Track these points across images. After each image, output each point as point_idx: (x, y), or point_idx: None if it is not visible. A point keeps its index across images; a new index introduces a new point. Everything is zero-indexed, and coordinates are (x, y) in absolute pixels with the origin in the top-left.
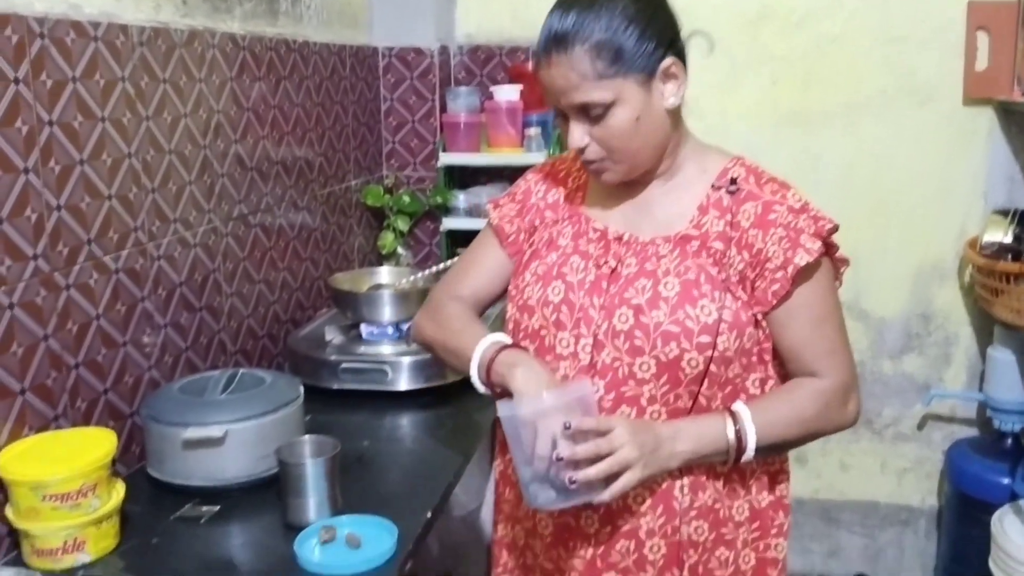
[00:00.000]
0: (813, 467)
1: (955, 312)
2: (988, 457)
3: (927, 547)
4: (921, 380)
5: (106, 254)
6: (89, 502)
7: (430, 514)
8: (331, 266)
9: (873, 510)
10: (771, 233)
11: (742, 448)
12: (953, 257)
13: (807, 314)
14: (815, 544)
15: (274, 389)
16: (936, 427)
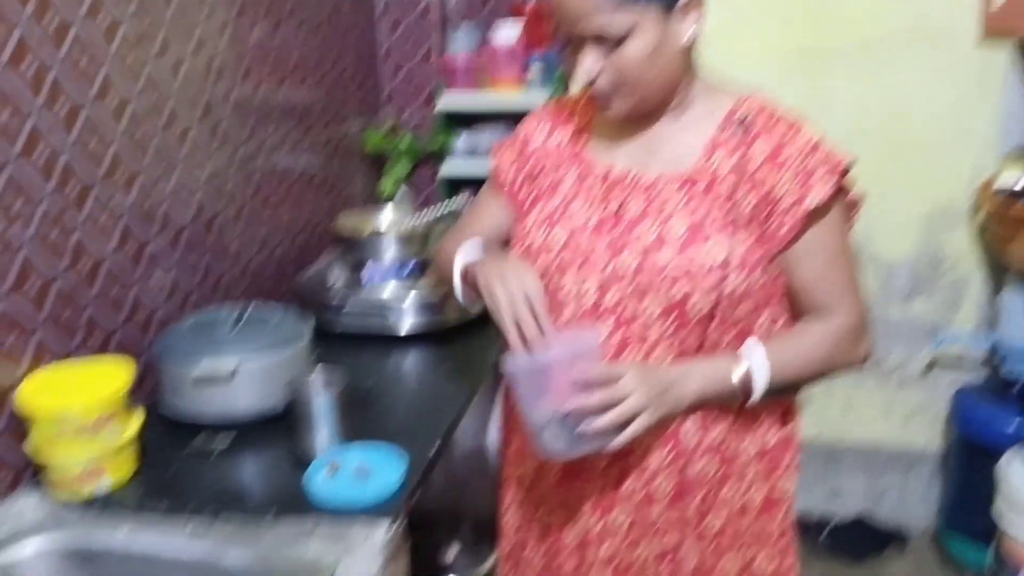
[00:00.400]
0: (816, 410)
1: (966, 256)
2: (995, 402)
3: (929, 492)
4: (929, 324)
5: (115, 194)
6: (107, 432)
7: (437, 447)
8: (333, 209)
9: (875, 454)
10: (783, 172)
11: (751, 389)
12: (966, 200)
13: (819, 254)
14: (816, 486)
15: (282, 326)
16: (943, 372)
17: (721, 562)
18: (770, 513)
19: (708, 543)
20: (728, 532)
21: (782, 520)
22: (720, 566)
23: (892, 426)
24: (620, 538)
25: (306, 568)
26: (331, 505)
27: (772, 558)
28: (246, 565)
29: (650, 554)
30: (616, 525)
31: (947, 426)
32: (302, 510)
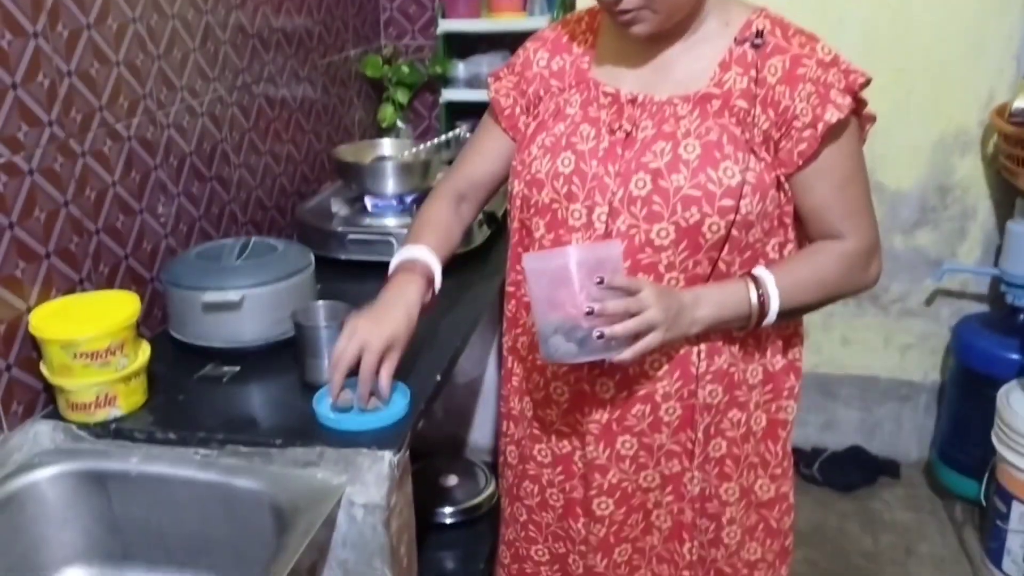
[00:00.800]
0: (814, 341)
1: (975, 185)
2: (998, 333)
3: (925, 422)
4: (933, 255)
5: (118, 121)
6: (118, 360)
7: (439, 377)
8: (333, 139)
9: (873, 385)
10: (799, 89)
11: (764, 313)
12: (977, 126)
13: (833, 175)
14: (811, 417)
15: (286, 256)
16: (945, 303)
17: (723, 487)
18: (771, 439)
19: (711, 469)
20: (730, 458)
21: (782, 446)
22: (722, 492)
23: (890, 357)
24: (626, 465)
25: (315, 491)
26: (338, 434)
27: (771, 483)
28: (256, 489)
29: (655, 481)
30: (621, 453)
31: (946, 357)
32: (309, 438)
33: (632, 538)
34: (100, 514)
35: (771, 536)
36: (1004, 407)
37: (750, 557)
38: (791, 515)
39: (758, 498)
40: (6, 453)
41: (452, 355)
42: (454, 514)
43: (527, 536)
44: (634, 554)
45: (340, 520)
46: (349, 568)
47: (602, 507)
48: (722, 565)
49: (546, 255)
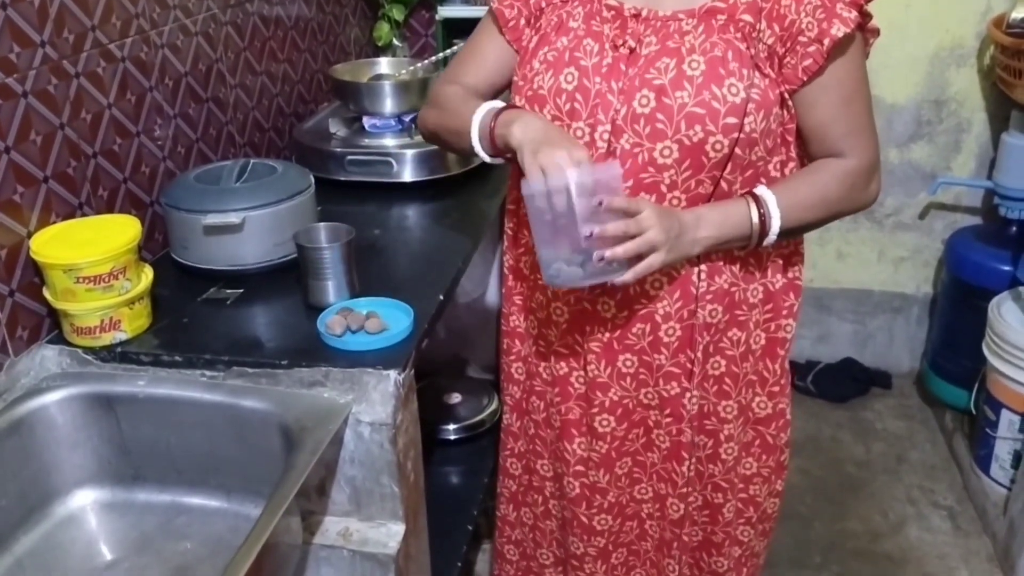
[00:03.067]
0: (809, 256)
1: (971, 98)
2: (990, 244)
3: (917, 333)
4: (928, 169)
5: (111, 42)
6: (120, 284)
7: (442, 297)
8: (329, 58)
9: (866, 297)
10: (805, 3)
11: (765, 232)
12: (974, 38)
13: (837, 91)
14: (805, 330)
15: (286, 178)
16: (939, 216)
17: (721, 404)
18: (770, 357)
19: (711, 387)
20: (729, 376)
21: (780, 363)
22: (720, 408)
23: (883, 270)
24: (627, 383)
25: (322, 410)
26: (343, 354)
27: (768, 400)
28: (264, 408)
29: (655, 399)
30: (623, 371)
31: (939, 270)
32: (314, 359)
33: (632, 452)
34: (109, 436)
35: (767, 451)
36: (995, 318)
37: (746, 472)
38: (788, 431)
39: (756, 415)
40: (13, 378)
41: (454, 275)
42: (458, 431)
43: (534, 450)
44: (635, 467)
45: (347, 438)
46: (357, 485)
47: (604, 424)
48: (719, 480)
49: (543, 179)
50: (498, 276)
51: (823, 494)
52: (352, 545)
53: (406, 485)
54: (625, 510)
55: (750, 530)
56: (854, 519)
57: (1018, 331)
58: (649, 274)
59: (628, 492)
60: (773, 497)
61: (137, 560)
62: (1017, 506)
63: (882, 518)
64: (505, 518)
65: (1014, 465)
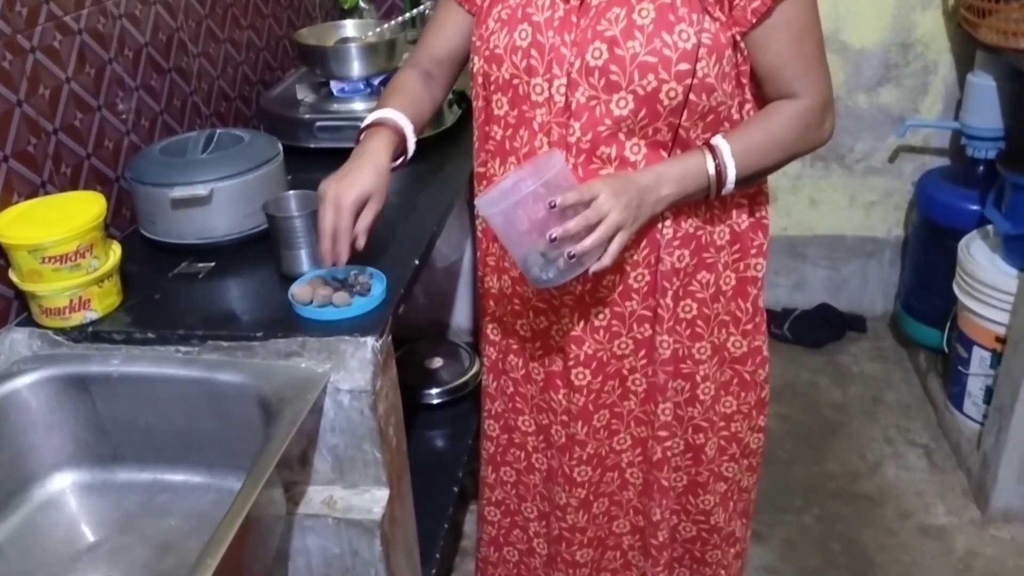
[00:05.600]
0: (783, 205)
1: (936, 40)
2: (959, 185)
3: (890, 276)
4: (896, 112)
5: (66, 14)
6: (88, 262)
7: (417, 261)
8: (294, 23)
9: (839, 243)
10: None
11: (722, 182)
12: None
13: (787, 32)
14: (780, 278)
15: (253, 147)
16: (908, 159)
17: (695, 346)
18: (741, 296)
19: (683, 331)
20: (701, 318)
21: (752, 302)
22: (694, 350)
23: (855, 215)
24: (600, 335)
25: (300, 380)
26: (318, 322)
27: (743, 338)
28: (241, 381)
29: (628, 347)
30: (595, 324)
31: (909, 212)
32: (289, 329)
33: (610, 403)
34: (85, 417)
35: (746, 389)
36: (965, 256)
37: (726, 410)
38: (766, 368)
39: (731, 354)
40: None
41: (428, 239)
42: (441, 394)
43: (514, 407)
44: (612, 419)
45: (327, 407)
46: (339, 453)
47: (580, 378)
48: (699, 421)
49: (494, 195)
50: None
51: (802, 438)
52: (337, 513)
53: (388, 451)
54: (605, 461)
55: (734, 465)
56: (833, 461)
57: (986, 269)
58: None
59: (607, 444)
60: (756, 432)
61: (120, 540)
62: (990, 440)
63: (860, 459)
64: (486, 480)
65: (986, 401)
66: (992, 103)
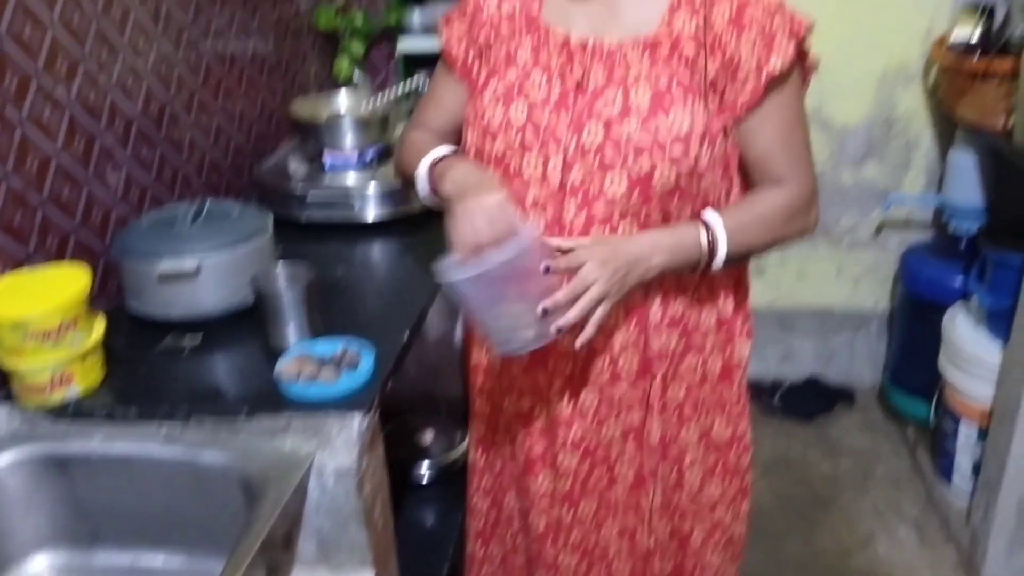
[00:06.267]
0: (771, 277)
1: (918, 116)
2: (942, 259)
3: (878, 348)
4: (880, 187)
5: (57, 85)
6: (71, 337)
7: (407, 336)
8: (288, 94)
9: (828, 315)
10: (745, 35)
11: (713, 255)
12: (919, 59)
13: (776, 122)
14: (769, 350)
15: (243, 220)
16: (892, 233)
17: (682, 432)
18: (727, 380)
19: (670, 415)
20: (688, 403)
21: (738, 386)
22: (681, 436)
23: (842, 288)
24: (588, 419)
25: (284, 461)
26: (304, 400)
27: (729, 423)
28: (224, 463)
29: (616, 432)
30: (584, 407)
31: (895, 285)
32: (275, 406)
33: (597, 490)
34: (64, 499)
35: (730, 475)
36: (949, 330)
37: (711, 496)
38: (749, 453)
39: (716, 439)
40: None
41: (420, 312)
42: (432, 469)
43: (500, 484)
44: (600, 508)
45: (312, 487)
46: (325, 535)
47: (566, 462)
48: (685, 507)
49: (463, 263)
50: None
51: (794, 512)
52: None
53: (375, 532)
54: (593, 551)
55: (719, 555)
56: (825, 536)
57: (971, 342)
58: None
59: (595, 533)
60: (739, 521)
61: None
62: (978, 514)
63: (851, 533)
64: (473, 556)
65: (974, 474)
66: (973, 179)
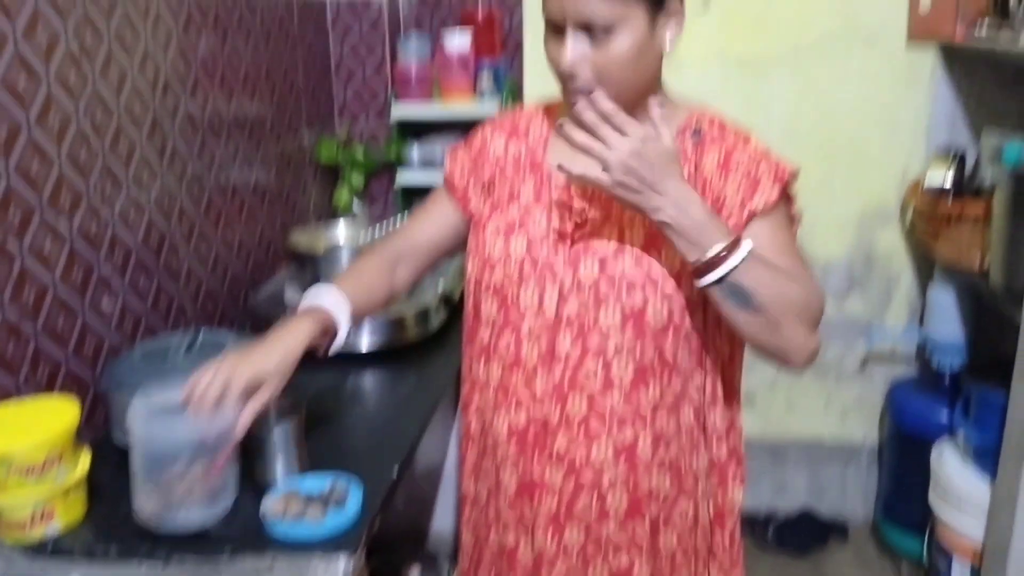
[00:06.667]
0: (761, 407)
1: (897, 254)
2: (927, 394)
3: (869, 482)
4: (864, 321)
5: (59, 218)
6: (55, 472)
7: (397, 471)
8: (287, 224)
9: (817, 447)
10: (732, 177)
11: (718, 264)
12: (896, 199)
13: (766, 250)
14: (762, 482)
15: None
16: (878, 366)
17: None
18: (720, 526)
19: (661, 561)
20: (680, 549)
21: (730, 534)
22: None
23: (831, 421)
24: (573, 558)
25: None
26: (289, 540)
27: (722, 570)
28: None
29: (603, 574)
30: (570, 544)
31: (883, 419)
32: (260, 546)
33: None
34: None
35: None
36: (938, 466)
37: None
38: None
39: None
40: None
41: (410, 447)
42: None
43: None
44: None
45: None
46: None
47: None
48: None
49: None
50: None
51: None
52: None
53: None
54: None
55: None
56: None
57: (959, 479)
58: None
59: None
60: None
61: None
62: None
63: None
64: None
65: None
66: (953, 315)
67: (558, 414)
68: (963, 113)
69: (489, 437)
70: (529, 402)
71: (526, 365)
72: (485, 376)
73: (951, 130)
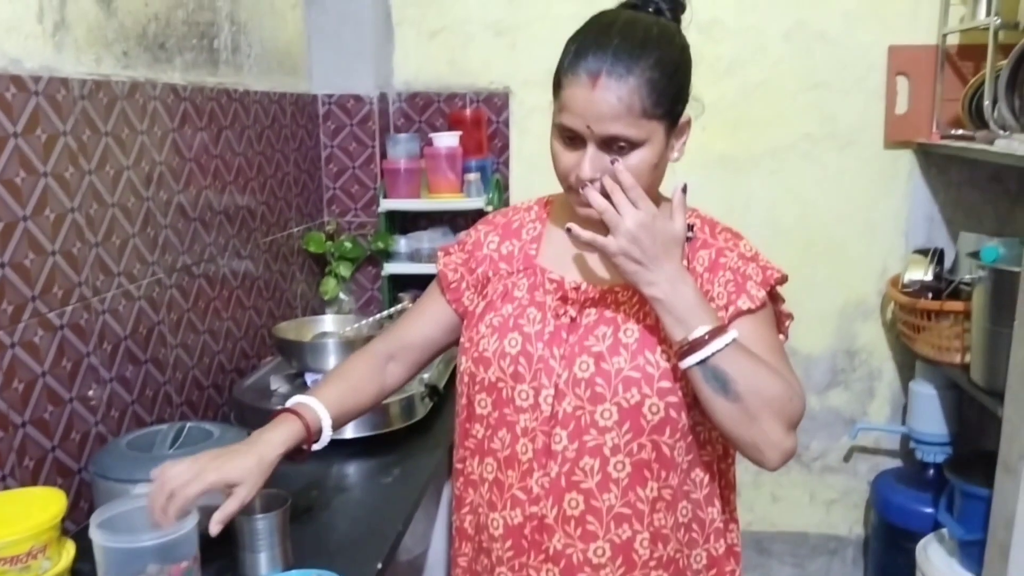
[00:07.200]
0: (746, 500)
1: (878, 348)
2: (911, 487)
3: (854, 574)
4: (847, 414)
5: (51, 310)
6: (39, 564)
7: (380, 566)
8: (274, 314)
9: (803, 540)
10: (720, 276)
11: (702, 345)
12: (876, 295)
13: (752, 347)
14: (748, 574)
15: (223, 443)
16: (862, 459)
17: None
18: None
19: None
20: None
21: None
22: None
23: (816, 513)
24: None
25: None
26: None
27: None
28: None
29: None
30: None
31: (868, 511)
32: None
33: None
34: None
35: None
36: (923, 561)
37: None
38: None
39: None
40: None
41: (393, 540)
42: None
43: None
44: None
45: None
46: None
47: None
48: None
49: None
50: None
51: None
52: None
53: None
54: None
55: None
56: None
57: (945, 574)
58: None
59: None
60: None
61: None
62: None
63: None
64: None
65: None
66: (935, 410)
67: (555, 512)
68: (940, 213)
69: (484, 535)
70: (525, 500)
71: (522, 462)
72: (479, 473)
73: (929, 229)
